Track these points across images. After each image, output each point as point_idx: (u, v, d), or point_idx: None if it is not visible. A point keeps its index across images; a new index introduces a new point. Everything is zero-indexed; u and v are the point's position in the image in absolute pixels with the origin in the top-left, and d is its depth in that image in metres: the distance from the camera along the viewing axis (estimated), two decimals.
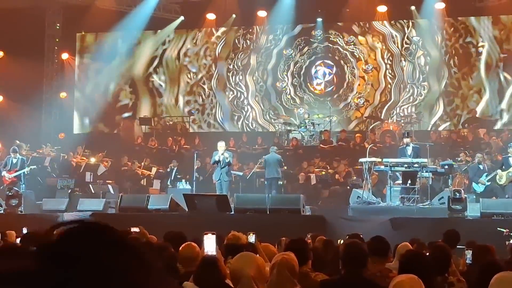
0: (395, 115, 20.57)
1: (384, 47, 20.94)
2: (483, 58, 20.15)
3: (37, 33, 21.02)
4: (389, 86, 20.88)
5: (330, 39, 21.31)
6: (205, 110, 22.38)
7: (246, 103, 22.04)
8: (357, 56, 21.11)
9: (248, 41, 22.17)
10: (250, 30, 22.13)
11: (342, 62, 21.22)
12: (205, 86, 22.39)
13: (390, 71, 20.94)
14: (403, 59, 20.88)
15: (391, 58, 20.94)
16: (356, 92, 21.06)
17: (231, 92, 22.21)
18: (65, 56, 22.01)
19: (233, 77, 22.29)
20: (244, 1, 20.42)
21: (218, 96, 22.35)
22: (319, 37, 21.35)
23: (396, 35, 20.90)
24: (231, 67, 22.25)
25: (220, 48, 22.35)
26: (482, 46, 20.13)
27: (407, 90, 20.79)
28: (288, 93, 21.63)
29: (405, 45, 20.90)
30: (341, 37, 21.28)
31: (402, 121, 19.78)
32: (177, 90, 22.60)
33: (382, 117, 20.45)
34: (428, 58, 20.69)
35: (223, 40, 22.20)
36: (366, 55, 21.06)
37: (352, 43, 21.16)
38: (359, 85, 21.09)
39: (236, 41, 22.21)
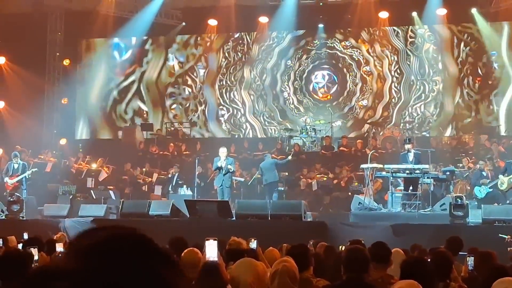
0: (407, 115, 20.22)
1: (392, 58, 20.51)
2: (504, 44, 19.66)
3: (39, 38, 21.03)
4: (393, 100, 20.45)
5: (328, 45, 21.06)
6: (189, 106, 21.65)
7: (244, 120, 21.37)
8: (356, 59, 20.89)
9: (239, 53, 21.60)
10: (241, 41, 21.63)
11: (345, 70, 20.98)
12: (196, 79, 21.64)
13: (396, 84, 20.49)
14: (409, 54, 20.41)
15: (398, 71, 20.47)
16: (360, 95, 20.83)
17: (227, 110, 21.46)
18: (66, 61, 22.03)
19: (227, 93, 21.52)
20: (246, 7, 20.44)
21: (206, 92, 21.63)
22: (317, 44, 21.12)
23: (398, 31, 20.58)
24: (224, 83, 21.53)
25: (214, 38, 21.63)
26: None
27: (417, 87, 20.38)
28: (291, 102, 21.30)
29: (410, 39, 20.53)
30: (338, 41, 21.08)
31: (414, 122, 19.58)
32: (162, 115, 21.79)
33: (393, 120, 20.26)
34: (445, 74, 20.14)
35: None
36: (372, 65, 20.69)
37: (350, 47, 20.95)
38: (361, 87, 20.78)
39: (227, 54, 21.60)
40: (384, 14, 20.10)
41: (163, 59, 22.12)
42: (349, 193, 15.57)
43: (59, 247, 6.48)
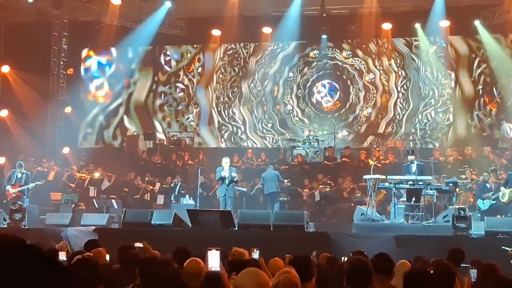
0: (418, 122, 19.97)
1: (400, 72, 20.32)
2: None
3: (43, 47, 21.14)
4: (397, 116, 20.29)
5: (329, 55, 21.00)
6: (180, 108, 21.31)
7: (244, 138, 21.04)
8: (358, 68, 20.86)
9: (236, 68, 21.40)
10: (237, 55, 21.47)
11: (348, 82, 20.90)
12: (194, 79, 21.34)
13: (402, 100, 20.32)
14: (414, 59, 20.24)
15: (405, 87, 20.25)
16: (364, 103, 20.76)
17: (226, 128, 21.23)
18: (70, 70, 22.11)
19: (225, 110, 21.22)
20: (249, 17, 20.50)
21: (200, 94, 21.37)
22: (317, 55, 21.07)
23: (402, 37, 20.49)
24: (221, 100, 21.29)
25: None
26: None
27: (426, 92, 20.17)
28: (295, 115, 21.16)
29: (415, 42, 20.33)
30: (339, 52, 21.00)
31: (426, 129, 19.40)
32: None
33: (403, 127, 20.18)
34: (456, 92, 19.87)
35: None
36: (378, 78, 20.56)
37: (351, 56, 20.88)
38: (364, 96, 20.69)
39: (223, 69, 21.38)
40: (387, 26, 20.15)
41: (151, 79, 21.90)
42: (352, 204, 15.56)
43: (62, 256, 6.47)
